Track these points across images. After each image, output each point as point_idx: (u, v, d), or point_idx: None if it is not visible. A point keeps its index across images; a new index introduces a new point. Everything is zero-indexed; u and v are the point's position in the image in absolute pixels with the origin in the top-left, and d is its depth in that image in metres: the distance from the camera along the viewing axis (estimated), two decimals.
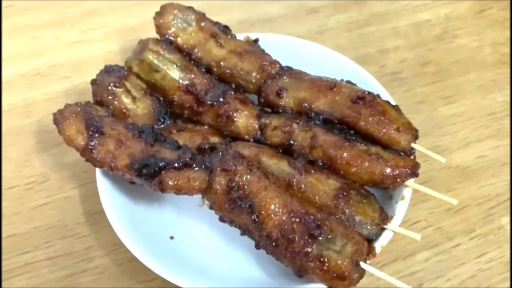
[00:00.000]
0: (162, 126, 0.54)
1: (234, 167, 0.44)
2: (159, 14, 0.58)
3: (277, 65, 0.56)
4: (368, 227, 0.45)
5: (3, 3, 0.76)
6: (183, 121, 0.56)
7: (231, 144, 0.52)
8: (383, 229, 0.46)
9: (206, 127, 0.55)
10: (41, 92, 0.66)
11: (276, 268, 0.47)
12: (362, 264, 0.42)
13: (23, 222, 0.54)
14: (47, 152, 0.60)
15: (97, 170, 0.50)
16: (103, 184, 0.50)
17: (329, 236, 0.42)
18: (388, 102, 0.51)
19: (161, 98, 0.55)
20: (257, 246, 0.45)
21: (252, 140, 0.53)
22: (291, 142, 0.51)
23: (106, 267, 0.51)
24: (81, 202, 0.55)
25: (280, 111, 0.54)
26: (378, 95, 0.51)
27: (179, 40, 0.57)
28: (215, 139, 0.53)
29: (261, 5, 0.76)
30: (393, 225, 0.46)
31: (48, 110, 0.63)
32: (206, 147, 0.52)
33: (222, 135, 0.54)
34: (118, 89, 0.52)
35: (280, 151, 0.52)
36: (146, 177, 0.45)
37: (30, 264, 0.51)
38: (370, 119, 0.49)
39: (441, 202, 0.54)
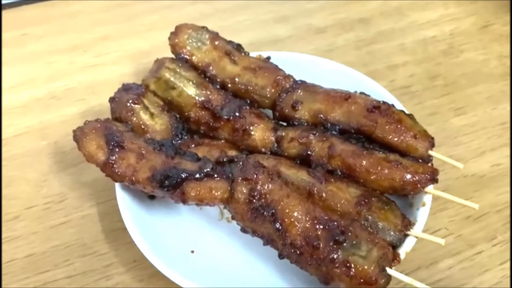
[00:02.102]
0: (180, 141, 0.54)
1: (255, 176, 0.45)
2: (174, 34, 0.59)
3: (291, 79, 0.57)
4: (392, 233, 0.45)
5: (18, 32, 0.78)
6: (200, 137, 0.57)
7: (249, 156, 0.52)
8: (406, 235, 0.46)
9: (223, 141, 0.55)
10: (57, 114, 0.67)
11: (299, 278, 0.47)
12: (388, 270, 0.42)
13: (42, 241, 0.54)
14: (64, 172, 0.60)
15: (117, 185, 0.51)
16: (123, 200, 0.50)
17: (354, 242, 0.42)
18: (403, 111, 0.52)
19: (177, 115, 0.56)
20: (281, 256, 0.45)
21: (269, 152, 0.54)
22: (309, 152, 0.51)
23: (127, 284, 0.50)
24: (99, 220, 0.55)
25: (296, 123, 0.55)
26: (392, 105, 0.52)
27: (194, 58, 0.59)
28: (232, 153, 0.53)
29: (269, 27, 0.79)
30: (416, 231, 0.46)
31: (65, 131, 0.64)
32: (225, 159, 0.52)
33: (239, 149, 0.55)
34: (136, 106, 0.53)
35: (298, 162, 0.52)
36: (168, 189, 0.45)
37: (50, 283, 0.50)
38: (387, 127, 0.50)
39: (461, 210, 0.55)
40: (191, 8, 0.81)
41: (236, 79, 0.58)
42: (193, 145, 0.54)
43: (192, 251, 0.50)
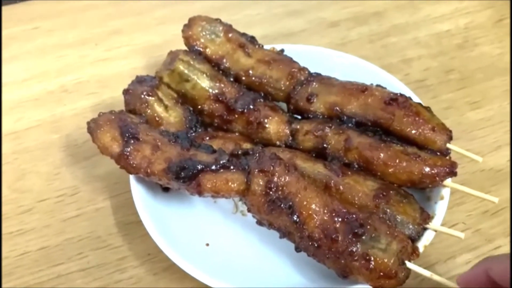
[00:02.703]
0: (194, 134, 0.54)
1: (272, 167, 0.44)
2: (187, 26, 0.59)
3: (306, 72, 0.56)
4: (410, 226, 0.44)
5: (30, 25, 0.78)
6: (214, 130, 0.56)
7: (264, 149, 0.52)
8: (425, 229, 0.45)
9: (237, 134, 0.55)
10: (68, 108, 0.66)
11: (315, 271, 0.46)
12: (407, 263, 0.41)
13: (55, 234, 0.53)
14: (77, 165, 0.60)
15: (131, 178, 0.50)
16: (138, 193, 0.50)
17: (373, 235, 0.41)
18: (420, 103, 0.51)
19: (191, 108, 0.55)
20: (297, 249, 0.45)
21: (284, 145, 0.53)
22: (325, 145, 0.51)
23: (141, 277, 0.50)
24: (113, 213, 0.55)
25: (311, 116, 0.54)
26: (409, 97, 0.52)
27: (207, 51, 0.58)
28: (247, 145, 0.53)
29: (282, 21, 0.78)
30: (434, 225, 0.45)
31: (76, 125, 0.64)
32: (239, 152, 0.51)
33: (253, 142, 0.54)
34: (150, 98, 0.53)
35: (313, 155, 0.51)
36: (184, 180, 0.45)
37: (63, 276, 0.50)
38: (405, 119, 0.49)
39: (478, 204, 0.54)
40: (202, 2, 0.81)
41: (250, 72, 0.57)
42: (207, 138, 0.53)
43: (207, 244, 0.50)
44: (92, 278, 0.50)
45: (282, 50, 0.60)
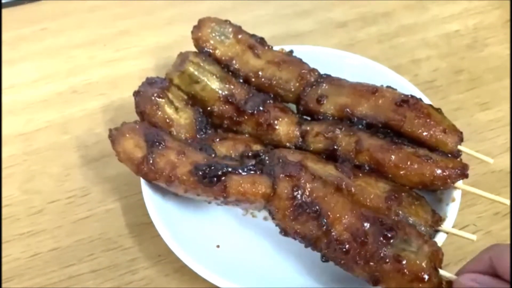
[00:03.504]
0: (204, 135, 0.54)
1: (298, 173, 0.44)
2: (197, 28, 0.59)
3: (316, 73, 0.56)
4: (422, 228, 0.44)
5: (38, 26, 0.78)
6: (223, 131, 0.56)
7: (274, 150, 0.52)
8: (437, 231, 0.45)
9: (247, 136, 0.55)
10: (78, 108, 0.66)
11: (325, 273, 0.46)
12: (441, 271, 0.40)
13: (66, 235, 0.54)
14: (87, 167, 0.60)
15: (142, 179, 0.50)
16: (149, 194, 0.50)
17: (404, 238, 0.40)
18: (431, 105, 0.51)
19: (201, 110, 0.55)
20: (324, 258, 0.44)
21: (294, 147, 0.53)
22: (335, 147, 0.51)
23: (152, 279, 0.50)
24: (123, 214, 0.55)
25: (321, 118, 0.54)
26: (420, 99, 0.51)
27: (217, 52, 0.58)
28: (257, 147, 0.53)
29: (290, 22, 0.78)
30: (446, 227, 0.45)
31: (86, 125, 0.64)
32: (250, 154, 0.51)
33: (263, 143, 0.54)
34: (161, 100, 0.53)
35: (324, 157, 0.51)
36: (211, 181, 0.44)
37: (75, 277, 0.50)
38: (416, 121, 0.49)
39: (488, 206, 0.54)
40: (210, 2, 0.81)
41: (260, 73, 0.57)
42: (217, 139, 0.53)
43: (218, 246, 0.50)
44: (103, 279, 0.50)
45: (291, 51, 0.60)
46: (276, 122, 0.53)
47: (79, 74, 0.71)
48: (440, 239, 0.45)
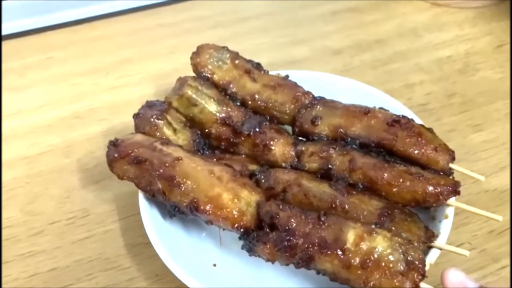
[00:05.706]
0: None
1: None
2: (196, 54, 0.61)
3: (310, 95, 0.58)
4: (415, 244, 0.45)
5: (44, 55, 0.81)
6: (221, 152, 0.57)
7: (270, 170, 0.53)
8: (430, 247, 0.46)
9: (243, 156, 0.56)
10: (80, 133, 0.68)
11: None
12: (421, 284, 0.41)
13: (65, 255, 0.54)
14: (87, 189, 0.61)
15: (141, 200, 0.51)
16: (147, 214, 0.50)
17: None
18: (422, 125, 0.53)
19: (199, 131, 0.57)
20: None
21: (289, 167, 0.54)
22: (330, 166, 0.52)
23: None
24: (121, 235, 0.56)
25: (315, 138, 0.55)
26: (412, 119, 0.53)
27: (215, 76, 0.60)
28: (253, 167, 0.54)
29: (287, 49, 0.80)
30: (439, 243, 0.46)
31: (87, 149, 0.66)
32: (246, 173, 0.53)
33: (260, 163, 0.55)
34: (160, 121, 0.54)
35: (319, 176, 0.52)
36: None
37: None
38: (407, 140, 0.50)
39: (483, 224, 0.55)
40: (210, 32, 0.84)
41: (256, 96, 0.59)
42: (214, 160, 0.54)
43: (214, 265, 0.50)
44: None
45: (287, 76, 0.62)
46: (272, 143, 0.55)
47: (82, 100, 0.73)
48: (433, 255, 0.45)
